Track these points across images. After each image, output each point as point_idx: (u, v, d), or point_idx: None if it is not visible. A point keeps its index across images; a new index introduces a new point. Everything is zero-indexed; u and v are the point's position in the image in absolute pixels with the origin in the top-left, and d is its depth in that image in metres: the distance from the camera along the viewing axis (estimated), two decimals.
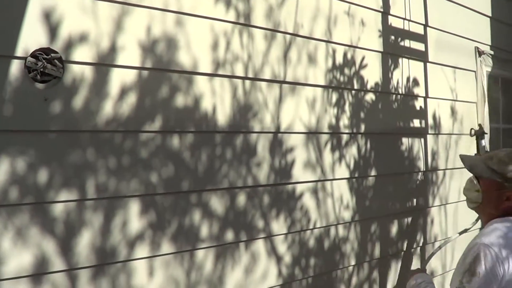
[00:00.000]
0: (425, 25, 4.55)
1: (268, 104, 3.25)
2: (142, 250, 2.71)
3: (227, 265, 3.06)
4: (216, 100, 3.00)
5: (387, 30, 4.16)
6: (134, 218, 2.68)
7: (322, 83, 3.60)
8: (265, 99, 3.23)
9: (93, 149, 2.55)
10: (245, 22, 3.16)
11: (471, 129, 4.50)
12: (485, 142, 4.40)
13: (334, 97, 3.68)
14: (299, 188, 3.45)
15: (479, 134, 4.49)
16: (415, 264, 4.44)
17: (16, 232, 2.36)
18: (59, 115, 2.45)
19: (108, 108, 2.59)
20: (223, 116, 3.03)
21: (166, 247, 2.80)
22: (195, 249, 2.92)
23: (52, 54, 2.44)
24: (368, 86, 3.98)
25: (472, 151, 5.16)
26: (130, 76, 2.68)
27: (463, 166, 3.62)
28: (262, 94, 3.22)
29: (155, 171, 2.75)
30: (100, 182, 2.56)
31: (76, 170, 2.49)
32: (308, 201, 3.50)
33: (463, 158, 3.01)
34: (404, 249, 4.35)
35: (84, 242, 2.51)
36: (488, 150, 4.20)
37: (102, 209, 2.57)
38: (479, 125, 4.51)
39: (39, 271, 2.40)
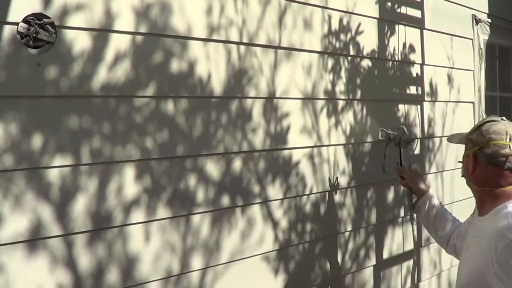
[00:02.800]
0: None
1: (263, 70, 3.24)
2: (138, 215, 2.71)
3: (223, 230, 3.07)
4: (211, 65, 2.99)
5: None
6: (130, 183, 2.68)
7: (318, 49, 3.59)
8: (260, 65, 3.23)
9: (88, 115, 2.55)
10: None
11: (381, 129, 3.81)
12: (407, 152, 3.79)
13: (330, 63, 3.68)
14: (295, 153, 3.46)
15: (400, 141, 3.67)
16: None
17: (11, 198, 2.36)
18: (52, 81, 2.45)
19: (102, 73, 2.58)
20: (218, 81, 3.02)
21: (162, 212, 2.81)
22: (191, 214, 2.93)
23: (45, 20, 2.43)
24: (364, 53, 3.97)
25: (469, 119, 5.18)
26: (124, 41, 2.67)
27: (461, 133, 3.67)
28: (257, 59, 3.21)
29: (150, 136, 2.75)
30: (94, 148, 2.56)
31: (71, 135, 2.49)
32: (304, 166, 3.51)
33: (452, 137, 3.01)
34: (401, 215, 4.36)
35: (80, 207, 2.52)
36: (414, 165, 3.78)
37: (97, 174, 2.58)
38: (401, 127, 3.73)
39: (35, 237, 2.41)
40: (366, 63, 3.99)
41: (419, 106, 4.56)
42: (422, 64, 4.58)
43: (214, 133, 3.01)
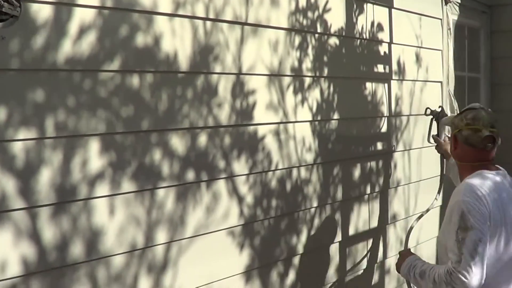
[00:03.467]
0: None
1: (230, 46, 3.26)
2: (102, 189, 2.72)
3: (188, 205, 3.09)
4: (177, 40, 3.00)
5: None
6: (94, 157, 2.69)
7: (285, 26, 3.61)
8: (227, 41, 3.24)
9: (52, 88, 2.54)
10: None
11: (427, 108, 4.21)
12: (444, 125, 4.14)
13: (297, 40, 3.70)
14: (261, 129, 3.49)
15: (438, 117, 4.14)
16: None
17: None
18: (17, 54, 2.44)
19: (67, 47, 2.58)
20: (183, 57, 3.03)
21: (127, 185, 2.82)
22: (156, 188, 2.94)
23: None
24: (332, 30, 4.00)
25: (437, 98, 5.22)
26: (89, 15, 2.66)
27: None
28: (223, 35, 3.22)
29: (115, 110, 2.76)
30: (59, 121, 2.55)
31: (35, 108, 2.48)
32: (270, 142, 3.54)
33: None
34: (367, 192, 4.41)
35: (44, 180, 2.52)
36: (449, 135, 4.04)
37: (61, 148, 2.57)
38: (440, 106, 4.22)
39: None
40: (333, 41, 4.02)
41: (386, 85, 4.60)
42: (390, 43, 4.62)
43: (179, 108, 3.02)
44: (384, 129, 4.59)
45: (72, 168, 2.61)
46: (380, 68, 4.54)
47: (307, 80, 3.81)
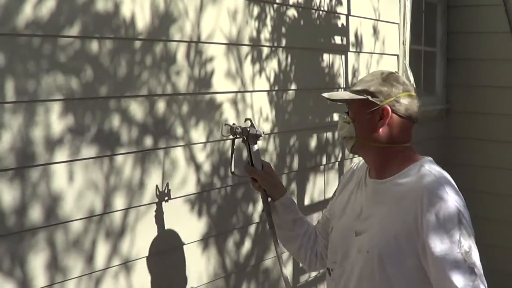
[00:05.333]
0: None
1: (189, 13, 3.27)
2: (61, 154, 2.73)
3: (146, 171, 3.11)
4: (136, 6, 3.00)
5: None
6: (54, 122, 2.69)
7: None
8: (186, 8, 3.25)
9: (12, 53, 2.54)
10: None
11: (224, 124, 3.09)
12: (258, 148, 3.00)
13: (256, 10, 3.72)
14: (219, 98, 3.51)
15: (248, 137, 2.96)
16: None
17: None
18: None
19: (27, 11, 2.57)
20: (142, 23, 3.04)
21: (86, 151, 2.83)
22: (115, 154, 2.96)
23: None
24: (291, 2, 4.03)
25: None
26: None
27: None
28: (182, 2, 3.22)
29: (74, 76, 2.76)
30: (18, 85, 2.55)
31: None
32: (227, 111, 3.57)
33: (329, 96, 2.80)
34: (323, 163, 4.47)
35: (3, 145, 2.51)
36: (263, 159, 3.09)
37: (21, 113, 2.57)
38: (249, 119, 3.02)
39: None
40: (292, 12, 4.05)
41: (343, 56, 4.65)
42: (348, 15, 4.67)
43: (138, 75, 3.04)
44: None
45: (31, 133, 2.61)
46: (337, 40, 4.58)
47: (265, 50, 3.84)
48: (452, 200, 2.33)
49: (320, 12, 4.34)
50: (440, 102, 6.58)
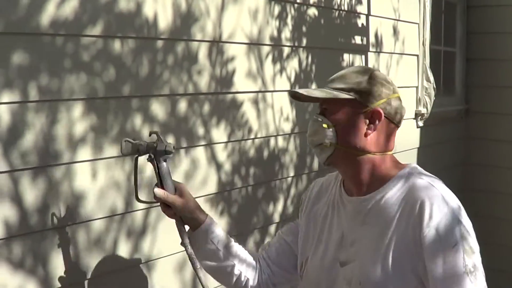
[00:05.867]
0: None
1: (210, 13, 3.27)
2: (84, 153, 2.74)
3: None
4: (158, 6, 3.00)
5: None
6: (76, 121, 2.70)
7: None
8: (207, 7, 3.25)
9: (35, 52, 2.55)
10: None
11: (125, 140, 2.44)
12: (169, 167, 2.47)
13: (276, 9, 3.71)
14: (240, 97, 3.52)
15: (155, 153, 2.43)
16: None
17: None
18: (1, 16, 2.43)
19: (50, 10, 2.57)
20: (164, 22, 3.04)
21: (109, 150, 2.83)
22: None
23: None
24: (311, 1, 4.02)
25: (413, 71, 5.27)
26: None
27: (403, 85, 3.55)
28: (204, 1, 3.23)
29: (97, 75, 2.77)
30: (42, 85, 2.56)
31: (18, 72, 2.48)
32: (248, 111, 3.57)
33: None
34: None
35: (27, 144, 2.52)
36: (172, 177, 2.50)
37: (44, 111, 2.58)
38: (154, 132, 2.47)
39: None
40: (312, 11, 4.04)
41: (363, 56, 4.63)
42: (368, 15, 4.65)
43: (160, 74, 3.04)
44: None
45: (54, 132, 2.62)
46: (357, 40, 4.57)
47: (286, 50, 3.84)
48: (452, 212, 2.03)
49: (340, 11, 4.33)
50: (460, 102, 6.54)
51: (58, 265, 2.68)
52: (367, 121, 2.15)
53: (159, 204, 2.50)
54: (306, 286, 2.41)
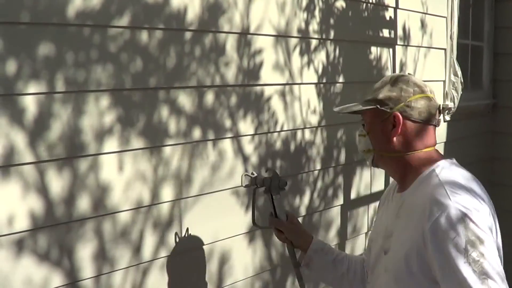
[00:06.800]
0: None
1: (238, 4, 3.25)
2: (111, 145, 2.73)
3: (194, 163, 3.10)
4: None
5: None
6: (103, 112, 2.69)
7: None
8: None
9: (62, 42, 2.54)
10: None
11: (245, 175, 2.91)
12: (281, 199, 2.93)
13: (304, 1, 3.68)
14: (267, 90, 3.49)
15: (271, 187, 2.86)
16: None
17: None
18: (28, 7, 2.42)
19: (77, 1, 2.56)
20: (192, 14, 3.02)
21: (135, 142, 2.83)
22: (163, 146, 2.95)
23: None
24: None
25: (441, 65, 5.22)
26: None
27: (431, 79, 3.58)
28: None
29: (124, 66, 2.76)
30: (68, 76, 2.55)
31: (45, 62, 2.48)
32: (275, 103, 3.55)
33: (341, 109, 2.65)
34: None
35: (54, 135, 2.52)
36: (287, 209, 3.20)
37: (71, 103, 2.58)
38: (271, 169, 3.04)
39: (8, 163, 2.42)
40: (340, 3, 4.01)
41: (391, 50, 4.59)
42: (396, 8, 4.60)
43: (187, 66, 3.02)
44: None
45: (81, 123, 2.61)
46: (385, 33, 4.53)
47: (314, 42, 3.81)
48: (455, 204, 2.08)
49: (368, 4, 4.29)
50: (487, 97, 6.47)
51: (84, 257, 2.68)
52: (391, 126, 2.33)
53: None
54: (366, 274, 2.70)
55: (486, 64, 6.49)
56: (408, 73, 2.53)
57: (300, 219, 3.80)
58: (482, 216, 2.08)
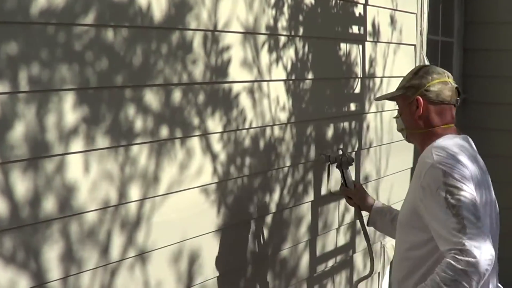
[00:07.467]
0: None
1: (205, 1, 3.22)
2: (76, 144, 2.69)
3: (162, 161, 3.07)
4: None
5: None
6: (68, 112, 2.65)
7: None
8: None
9: (25, 42, 2.50)
10: None
11: (321, 154, 3.91)
12: (350, 172, 3.70)
13: None
14: (235, 87, 3.47)
15: (341, 163, 3.71)
16: None
17: None
18: None
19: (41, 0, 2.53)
20: (158, 11, 2.99)
21: (101, 141, 2.79)
22: (130, 145, 2.92)
23: None
24: None
25: (410, 61, 5.24)
26: None
27: (400, 75, 3.75)
28: None
29: (89, 65, 2.72)
30: (32, 75, 2.52)
31: (8, 62, 2.44)
32: (244, 100, 3.53)
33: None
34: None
35: (17, 135, 2.48)
36: (354, 179, 3.70)
37: (35, 102, 2.54)
38: (341, 148, 3.83)
39: None
40: (309, 0, 4.00)
41: (360, 46, 4.60)
42: (365, 4, 4.61)
43: (154, 64, 2.99)
44: (357, 90, 4.60)
45: (45, 123, 2.57)
46: (354, 29, 4.53)
47: (282, 39, 3.79)
48: (437, 163, 2.59)
49: (338, 0, 4.29)
50: None
51: (50, 259, 2.64)
52: (414, 107, 2.87)
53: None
54: None
55: (456, 59, 6.54)
56: (430, 63, 3.20)
57: (270, 217, 3.80)
58: (458, 171, 2.55)
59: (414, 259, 2.68)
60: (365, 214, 3.64)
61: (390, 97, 3.11)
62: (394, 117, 3.11)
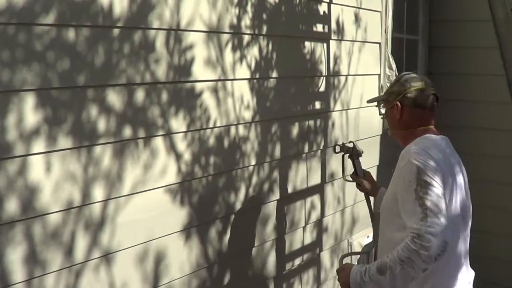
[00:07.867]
0: None
1: (168, 0, 3.21)
2: (38, 145, 2.68)
3: (126, 162, 3.06)
4: None
5: None
6: (29, 113, 2.63)
7: None
8: None
9: None
10: None
11: (335, 145, 4.05)
12: (360, 162, 3.94)
13: None
14: (199, 86, 3.47)
15: (352, 154, 3.95)
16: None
17: None
18: None
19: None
20: (120, 10, 2.98)
21: (63, 142, 2.77)
22: (93, 145, 2.91)
23: None
24: None
25: (375, 59, 5.26)
26: None
27: (366, 73, 3.94)
28: None
29: (51, 65, 2.70)
30: None
31: None
32: (208, 99, 3.52)
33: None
34: (305, 151, 4.44)
35: None
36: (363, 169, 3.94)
37: None
38: (351, 142, 4.00)
39: None
40: None
41: (325, 44, 4.61)
42: (329, 3, 4.62)
43: (116, 63, 2.98)
44: (322, 88, 4.61)
45: (6, 124, 2.55)
46: (319, 27, 4.54)
47: (246, 38, 3.79)
48: (413, 159, 2.82)
49: None
50: None
51: (14, 261, 2.62)
52: (395, 111, 3.14)
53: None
54: None
55: (421, 57, 6.58)
56: (413, 71, 3.34)
57: (235, 216, 3.81)
58: (430, 168, 2.79)
59: (397, 239, 2.85)
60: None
61: (377, 101, 3.54)
62: (382, 118, 3.54)
